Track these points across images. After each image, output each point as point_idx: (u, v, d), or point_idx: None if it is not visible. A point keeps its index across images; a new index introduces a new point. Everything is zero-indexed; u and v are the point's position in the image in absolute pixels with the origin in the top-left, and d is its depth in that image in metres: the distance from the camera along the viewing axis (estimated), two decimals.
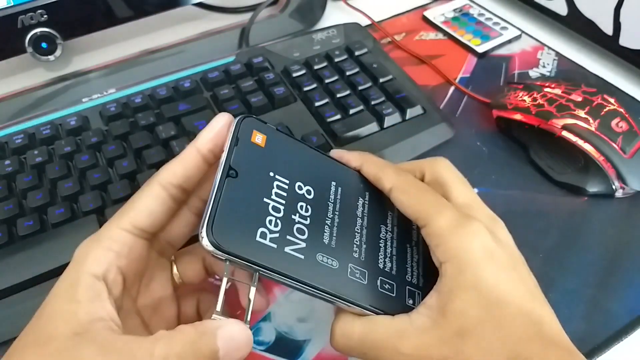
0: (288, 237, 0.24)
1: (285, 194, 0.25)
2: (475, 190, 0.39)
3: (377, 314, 0.25)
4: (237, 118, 0.26)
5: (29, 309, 0.31)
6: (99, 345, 0.20)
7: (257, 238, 0.23)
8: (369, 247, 0.26)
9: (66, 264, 0.32)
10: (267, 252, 0.23)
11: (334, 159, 0.29)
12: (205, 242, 0.22)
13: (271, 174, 0.25)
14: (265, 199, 0.24)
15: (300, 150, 0.27)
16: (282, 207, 0.24)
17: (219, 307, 0.22)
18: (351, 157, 0.29)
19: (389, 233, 0.27)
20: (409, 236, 0.28)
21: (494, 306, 0.23)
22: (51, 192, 0.36)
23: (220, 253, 0.22)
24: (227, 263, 0.22)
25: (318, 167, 0.27)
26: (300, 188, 0.25)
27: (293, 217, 0.24)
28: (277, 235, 0.23)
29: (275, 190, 0.25)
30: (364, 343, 0.24)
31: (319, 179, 0.27)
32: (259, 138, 0.25)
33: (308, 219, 0.25)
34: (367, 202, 0.28)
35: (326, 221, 0.25)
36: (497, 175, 0.40)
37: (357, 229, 0.26)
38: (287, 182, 0.25)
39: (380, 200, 0.28)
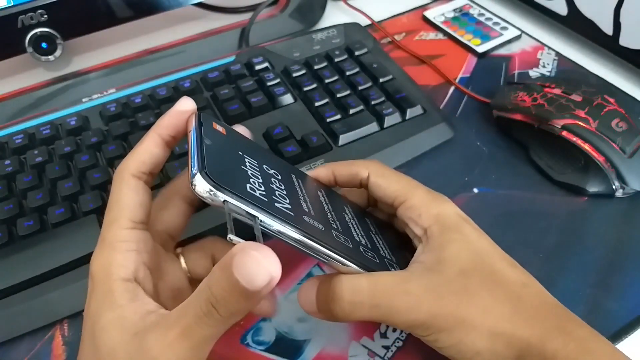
0: (273, 197, 0.23)
1: (258, 169, 0.25)
2: (475, 190, 0.39)
3: None
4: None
5: (29, 309, 0.32)
6: (159, 329, 0.20)
7: (248, 189, 0.22)
8: (342, 225, 0.26)
9: (67, 264, 0.32)
10: (261, 201, 0.22)
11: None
12: (200, 184, 0.20)
13: (240, 153, 0.25)
14: (242, 167, 0.24)
15: (255, 146, 0.27)
16: (259, 175, 0.24)
17: (232, 231, 0.20)
18: (319, 173, 0.30)
19: (352, 220, 0.28)
20: (367, 226, 0.29)
21: (484, 256, 0.25)
22: (51, 192, 0.36)
23: (218, 193, 0.20)
24: (226, 204, 0.21)
25: (274, 160, 0.28)
26: (268, 169, 0.26)
27: (271, 186, 0.24)
28: (264, 192, 0.23)
29: (248, 164, 0.24)
30: (375, 294, 0.24)
31: (280, 168, 0.27)
32: (219, 127, 0.25)
33: (284, 191, 0.25)
34: (325, 196, 0.29)
35: (300, 197, 0.26)
36: (497, 175, 0.40)
37: (327, 210, 0.27)
38: (256, 162, 0.25)
39: (335, 196, 0.30)
